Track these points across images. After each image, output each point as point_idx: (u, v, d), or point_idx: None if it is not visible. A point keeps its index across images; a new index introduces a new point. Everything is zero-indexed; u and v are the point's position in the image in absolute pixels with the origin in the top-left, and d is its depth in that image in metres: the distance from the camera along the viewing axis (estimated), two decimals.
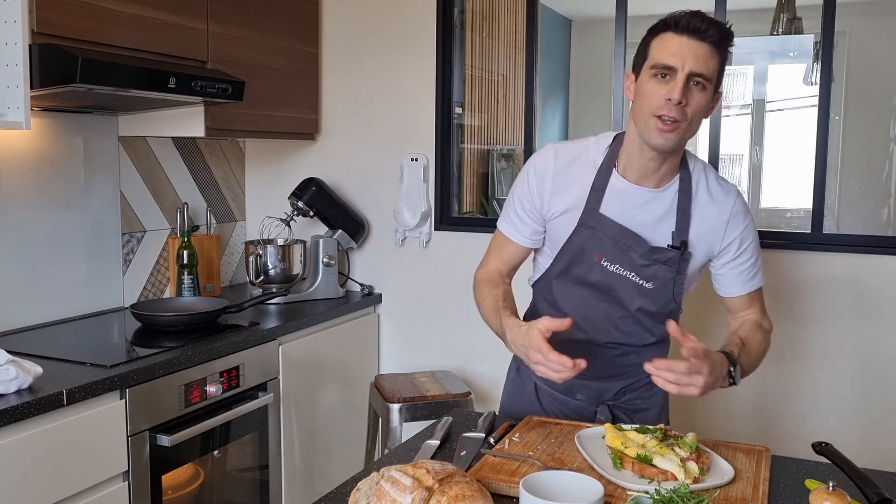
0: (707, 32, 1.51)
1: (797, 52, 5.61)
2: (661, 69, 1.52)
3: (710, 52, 1.52)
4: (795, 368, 2.75)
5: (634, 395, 1.81)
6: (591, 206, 1.66)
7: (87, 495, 1.94)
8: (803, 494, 1.33)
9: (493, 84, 3.74)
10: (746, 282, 1.74)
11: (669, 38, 1.53)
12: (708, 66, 1.52)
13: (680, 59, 1.51)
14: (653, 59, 1.54)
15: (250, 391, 2.50)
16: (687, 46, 1.51)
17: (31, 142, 2.46)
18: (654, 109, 1.53)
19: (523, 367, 1.86)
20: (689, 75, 1.51)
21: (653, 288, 1.68)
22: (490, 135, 3.82)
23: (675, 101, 1.51)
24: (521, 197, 1.74)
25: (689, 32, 1.51)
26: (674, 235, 1.65)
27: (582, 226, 1.67)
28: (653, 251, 1.65)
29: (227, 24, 2.67)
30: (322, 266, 3.05)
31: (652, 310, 1.70)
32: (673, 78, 1.51)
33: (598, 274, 1.68)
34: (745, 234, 1.70)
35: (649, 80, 1.55)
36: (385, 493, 1.16)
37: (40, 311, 2.51)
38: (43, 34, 2.04)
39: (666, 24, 1.54)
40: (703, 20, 1.51)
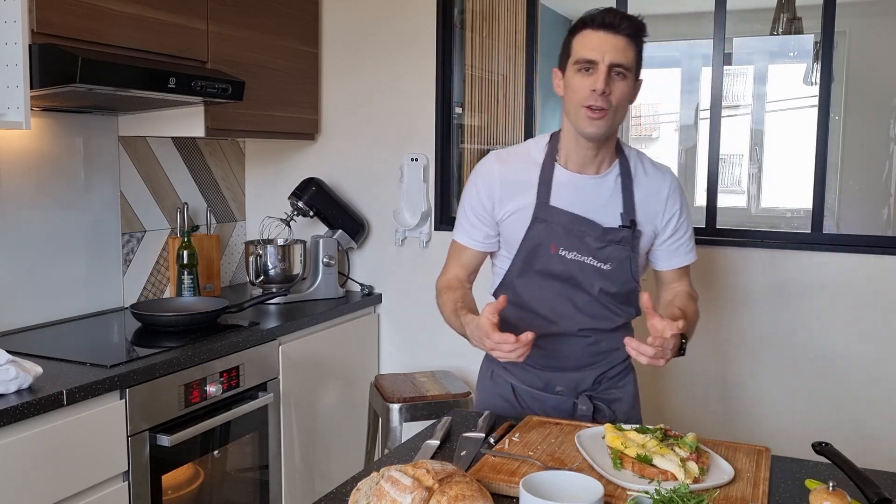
0: (621, 26, 1.65)
1: (797, 52, 5.62)
2: (584, 63, 1.65)
3: (626, 43, 1.65)
4: (795, 368, 2.75)
5: (609, 385, 1.86)
6: (542, 200, 1.75)
7: (87, 495, 1.94)
8: (803, 494, 1.33)
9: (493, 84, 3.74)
10: (683, 255, 1.86)
11: (588, 34, 1.66)
12: (626, 56, 1.65)
13: (600, 53, 1.64)
14: (575, 55, 1.67)
15: (250, 391, 2.50)
16: (605, 41, 1.64)
17: (31, 142, 2.46)
18: (582, 101, 1.66)
19: (497, 371, 1.90)
20: (610, 66, 1.64)
21: (611, 269, 1.76)
22: (490, 135, 3.82)
23: (600, 91, 1.63)
24: (471, 205, 1.82)
25: (605, 28, 1.65)
26: (622, 216, 1.76)
27: (536, 220, 1.75)
28: (606, 232, 1.74)
29: (227, 24, 2.67)
30: (322, 266, 3.05)
31: (612, 290, 1.78)
32: (595, 70, 1.64)
33: (558, 264, 1.75)
34: (681, 210, 1.82)
35: (575, 75, 1.68)
36: (385, 493, 1.16)
37: (40, 311, 2.51)
38: (43, 34, 2.04)
39: (584, 22, 1.68)
40: (617, 16, 1.66)
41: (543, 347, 1.78)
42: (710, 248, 2.83)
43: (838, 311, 2.68)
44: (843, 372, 2.69)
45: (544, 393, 1.84)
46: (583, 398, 1.82)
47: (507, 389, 1.88)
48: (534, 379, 1.84)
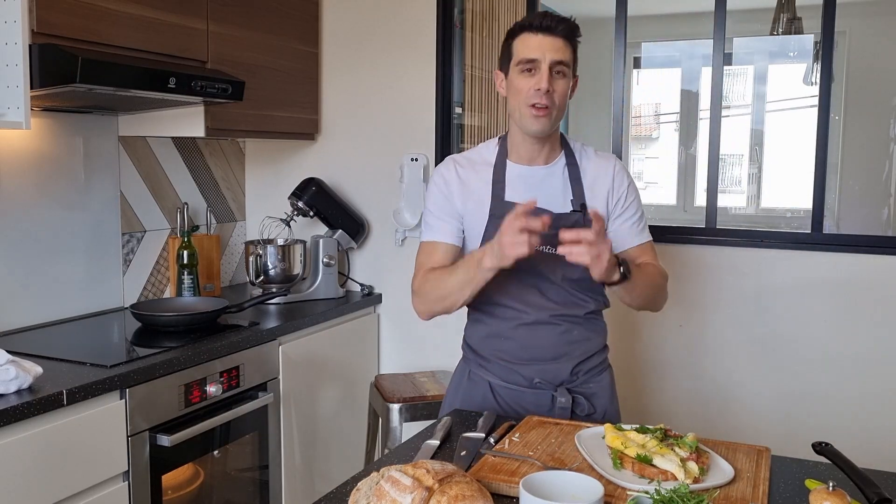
0: (558, 28, 1.75)
1: (797, 52, 5.62)
2: (526, 63, 1.74)
3: (563, 43, 1.76)
4: (796, 368, 2.75)
5: (586, 378, 1.88)
6: (497, 196, 1.83)
7: (87, 495, 1.94)
8: (803, 494, 1.33)
9: (493, 84, 3.74)
10: (638, 234, 1.91)
11: (528, 37, 1.76)
12: (565, 54, 1.76)
13: (540, 52, 1.74)
14: (518, 56, 1.76)
15: (250, 391, 2.50)
16: (544, 42, 1.74)
17: (31, 142, 2.46)
18: (527, 99, 1.75)
19: (474, 371, 1.91)
20: (551, 65, 1.73)
21: None
22: (490, 135, 3.82)
23: (544, 90, 1.73)
24: (435, 203, 1.88)
25: (543, 30, 1.74)
26: (573, 202, 1.83)
27: (493, 216, 1.81)
28: (559, 218, 1.78)
29: (227, 24, 2.68)
30: (322, 266, 3.05)
31: (574, 276, 1.81)
32: (538, 70, 1.74)
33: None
34: (629, 189, 1.90)
35: (518, 76, 1.77)
36: (385, 493, 1.16)
37: (40, 311, 2.51)
38: (43, 34, 2.04)
39: (522, 26, 1.78)
40: (553, 18, 1.76)
41: (516, 339, 1.83)
42: (710, 248, 2.83)
43: (838, 310, 2.68)
44: (844, 372, 2.69)
45: (522, 388, 1.85)
46: (561, 390, 1.83)
47: (485, 388, 1.89)
48: (511, 374, 1.85)
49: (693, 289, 2.85)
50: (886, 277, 2.62)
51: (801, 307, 2.73)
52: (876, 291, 2.64)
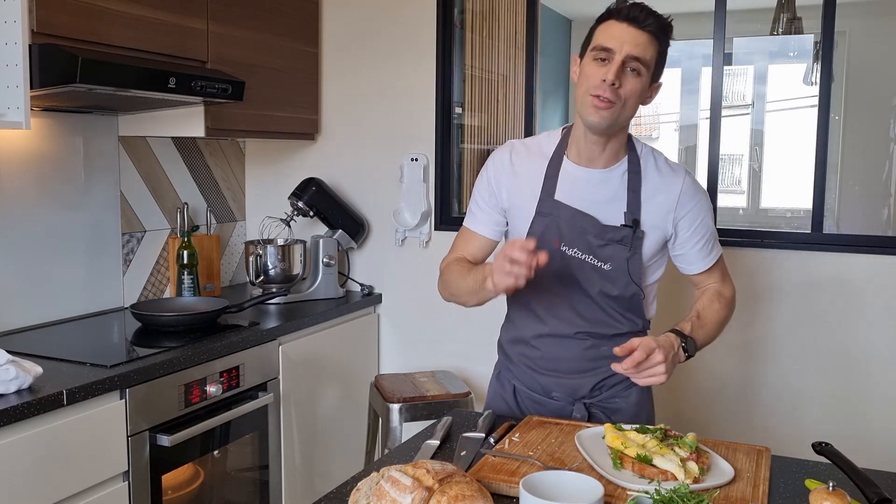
0: (646, 21, 1.61)
1: (797, 52, 5.62)
2: (601, 51, 1.61)
3: (648, 39, 1.61)
4: (796, 368, 2.75)
5: (611, 393, 1.81)
6: (547, 193, 1.73)
7: (87, 495, 1.94)
8: (803, 494, 1.33)
9: (493, 84, 3.74)
10: (705, 257, 1.81)
11: (611, 24, 1.63)
12: (645, 51, 1.61)
13: (618, 43, 1.60)
14: (594, 43, 1.64)
15: (250, 391, 2.50)
16: (626, 32, 1.60)
17: (31, 142, 2.46)
18: (591, 89, 1.62)
19: (503, 372, 1.89)
20: (626, 59, 1.60)
21: (610, 269, 1.72)
22: (490, 135, 3.82)
23: (610, 82, 1.59)
24: (480, 192, 1.82)
25: (629, 20, 1.61)
26: (626, 215, 1.71)
27: (539, 214, 1.73)
28: (605, 230, 1.70)
29: (227, 24, 2.67)
30: (322, 266, 3.05)
31: (613, 293, 1.74)
32: (611, 61, 1.60)
33: (559, 260, 1.71)
34: (696, 210, 1.75)
35: (590, 63, 1.64)
36: (385, 493, 1.16)
37: (40, 311, 2.51)
38: (43, 34, 2.04)
39: (609, 12, 1.65)
40: (644, 10, 1.62)
41: (540, 348, 1.78)
42: None
43: (838, 310, 2.68)
44: (843, 371, 2.69)
45: (542, 397, 1.82)
46: (578, 406, 1.78)
47: (510, 391, 1.87)
48: (532, 382, 1.82)
49: (693, 289, 2.85)
50: (886, 277, 2.62)
51: (801, 307, 2.73)
52: (876, 291, 2.64)
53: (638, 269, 1.73)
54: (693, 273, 1.83)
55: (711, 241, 1.81)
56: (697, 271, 1.83)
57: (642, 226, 1.71)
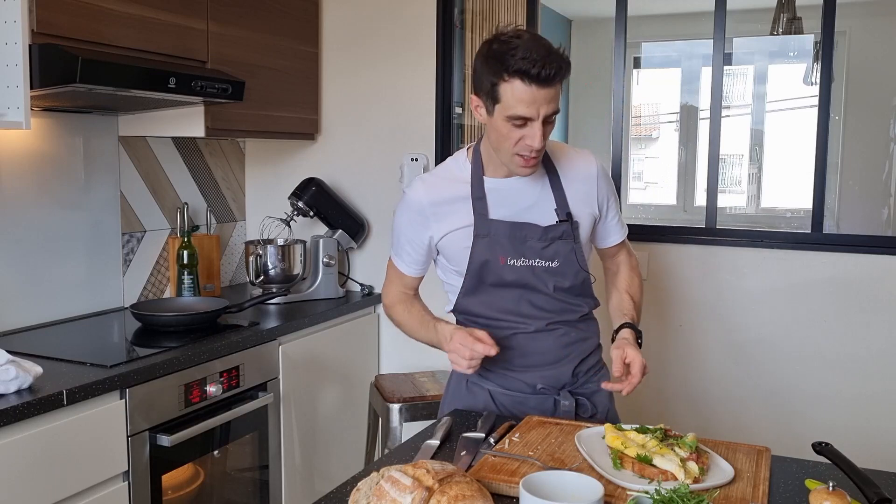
0: (555, 79, 1.56)
1: (797, 52, 5.62)
2: (518, 119, 1.59)
3: (557, 89, 1.59)
4: (795, 368, 2.75)
5: (586, 378, 1.87)
6: (480, 215, 1.75)
7: (87, 495, 1.94)
8: (803, 494, 1.33)
9: None
10: (619, 230, 1.91)
11: (520, 88, 1.56)
12: (557, 102, 1.61)
13: (535, 109, 1.57)
14: (507, 109, 1.58)
15: (250, 391, 2.50)
16: (539, 95, 1.56)
17: (31, 142, 2.46)
18: (516, 151, 1.64)
19: (472, 380, 1.88)
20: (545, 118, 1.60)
21: (559, 265, 1.78)
22: None
23: (538, 147, 1.62)
24: (405, 232, 1.85)
25: (539, 82, 1.55)
26: (557, 212, 1.77)
27: (478, 237, 1.75)
28: (546, 231, 1.76)
29: (227, 24, 2.68)
30: (322, 266, 3.05)
31: (566, 285, 1.80)
32: (530, 124, 1.60)
33: (509, 273, 1.77)
34: (610, 188, 1.86)
35: (505, 125, 1.61)
36: (385, 493, 1.16)
37: (40, 311, 2.51)
38: (43, 34, 2.04)
39: (516, 70, 1.54)
40: (550, 66, 1.54)
41: (515, 348, 1.80)
42: (709, 247, 2.83)
43: (838, 310, 2.68)
44: (844, 371, 2.69)
45: (524, 394, 1.83)
46: (564, 394, 1.82)
47: (486, 396, 1.86)
48: (511, 381, 1.83)
49: (693, 289, 2.85)
50: (886, 277, 2.62)
51: (801, 307, 2.73)
52: (876, 291, 2.64)
53: (582, 256, 1.81)
54: (609, 245, 1.92)
55: (620, 212, 1.92)
56: (614, 242, 1.91)
57: (575, 216, 1.78)
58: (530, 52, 1.54)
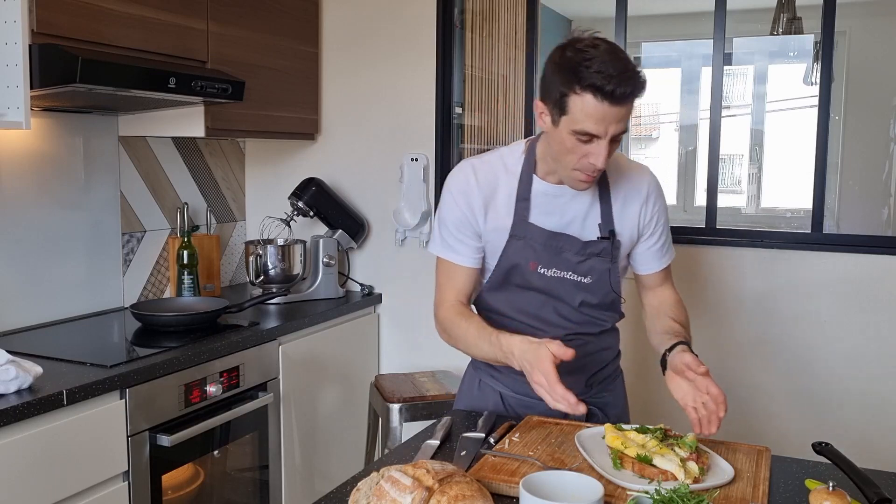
0: (629, 98, 1.47)
1: (797, 52, 5.62)
2: (583, 135, 1.50)
3: (629, 108, 1.50)
4: (796, 368, 2.75)
5: (600, 388, 1.83)
6: (520, 217, 1.68)
7: (87, 495, 1.94)
8: (803, 494, 1.33)
9: (493, 84, 3.74)
10: (662, 257, 1.81)
11: (591, 104, 1.46)
12: (627, 121, 1.52)
13: (603, 127, 1.49)
14: (574, 123, 1.49)
15: (250, 391, 2.50)
16: (610, 114, 1.47)
17: (32, 142, 2.46)
18: (577, 166, 1.55)
19: (484, 380, 1.86)
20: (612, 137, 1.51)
21: (591, 282, 1.72)
22: (490, 135, 3.82)
23: (601, 167, 1.53)
24: (451, 219, 1.72)
25: (611, 100, 1.46)
26: (601, 227, 1.70)
27: (513, 237, 1.69)
28: (585, 246, 1.69)
29: (227, 24, 2.67)
30: (322, 266, 3.05)
31: (593, 302, 1.74)
32: (596, 142, 1.51)
33: (537, 280, 1.71)
34: (660, 211, 1.77)
35: (570, 138, 1.52)
36: (385, 493, 1.16)
37: (40, 311, 2.51)
38: (43, 34, 2.04)
39: (590, 84, 1.45)
40: (626, 84, 1.45)
41: None
42: (709, 248, 2.83)
43: (838, 310, 2.68)
44: (844, 371, 2.69)
45: (534, 399, 1.79)
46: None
47: (496, 398, 1.84)
48: (523, 385, 1.72)
49: (693, 289, 2.85)
50: (886, 277, 2.62)
51: (801, 307, 2.73)
52: (876, 291, 2.64)
53: (617, 278, 1.74)
54: (649, 273, 1.81)
55: (668, 242, 1.81)
56: (653, 271, 1.81)
57: (618, 234, 1.71)
58: (606, 66, 1.45)
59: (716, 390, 1.49)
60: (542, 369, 1.49)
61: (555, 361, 1.48)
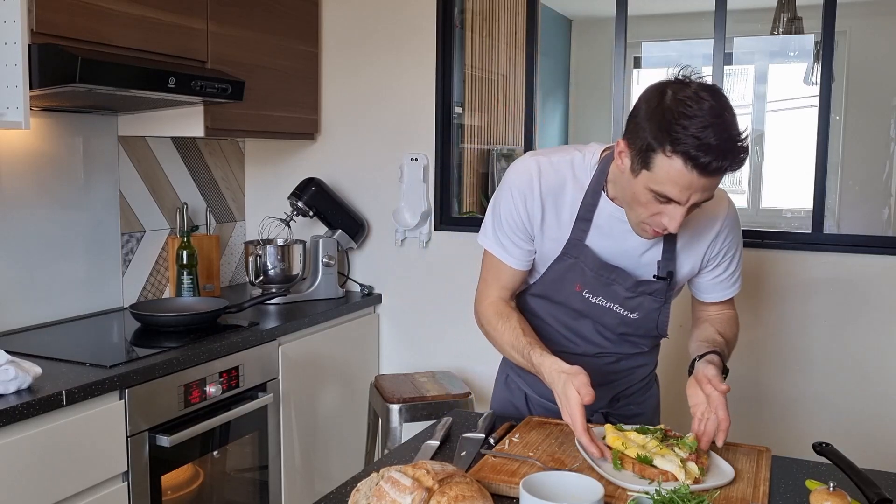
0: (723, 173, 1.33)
1: (797, 52, 5.61)
2: (662, 196, 1.38)
3: (719, 179, 1.36)
4: (796, 368, 2.75)
5: (628, 401, 1.80)
6: (577, 237, 1.58)
7: (87, 495, 1.94)
8: (804, 495, 1.33)
9: (493, 84, 3.74)
10: (727, 288, 1.71)
11: (679, 171, 1.32)
12: (713, 191, 1.39)
13: (686, 195, 1.36)
14: (655, 183, 1.37)
15: (250, 391, 2.49)
16: (697, 184, 1.34)
17: (31, 142, 2.45)
18: (648, 222, 1.45)
19: (511, 377, 1.85)
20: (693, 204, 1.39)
21: (637, 318, 1.65)
22: (490, 135, 3.82)
23: (672, 231, 1.42)
24: (507, 218, 1.63)
25: (703, 172, 1.31)
26: (660, 265, 1.59)
27: (565, 255, 1.60)
28: (638, 284, 1.59)
29: (227, 24, 2.67)
30: (322, 266, 3.04)
31: (631, 331, 1.68)
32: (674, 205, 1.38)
33: (579, 303, 1.65)
34: (731, 244, 1.65)
35: (647, 193, 1.40)
36: (385, 493, 1.16)
37: (40, 311, 2.51)
38: (42, 34, 2.03)
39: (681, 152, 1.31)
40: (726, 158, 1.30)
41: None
42: None
43: (839, 311, 2.68)
44: (844, 371, 2.69)
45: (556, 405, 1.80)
46: (597, 416, 1.74)
47: (520, 398, 1.83)
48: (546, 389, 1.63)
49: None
50: (886, 277, 2.62)
51: (801, 307, 2.73)
52: (876, 291, 2.64)
53: (666, 317, 1.65)
54: (709, 302, 1.73)
55: (737, 273, 1.70)
56: (714, 301, 1.72)
57: (677, 274, 1.60)
58: (707, 133, 1.29)
59: (723, 414, 1.43)
60: (570, 412, 1.45)
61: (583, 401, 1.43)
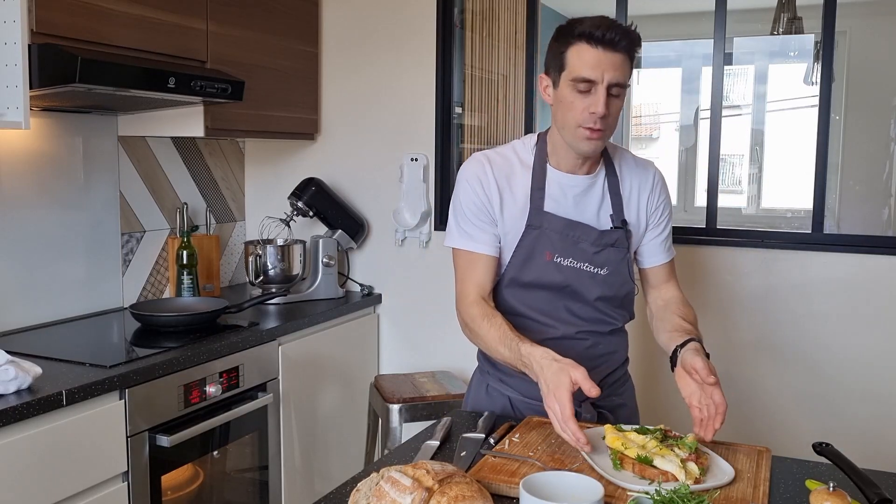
0: (620, 43, 1.56)
1: (797, 52, 5.61)
2: (581, 82, 1.58)
3: (623, 59, 1.58)
4: (796, 368, 2.75)
5: (610, 391, 1.82)
6: (536, 206, 1.70)
7: (87, 495, 1.94)
8: (804, 495, 1.33)
9: (493, 84, 3.74)
10: (667, 250, 1.85)
11: (586, 50, 1.57)
12: (624, 74, 1.59)
13: (599, 72, 1.56)
14: (572, 72, 1.59)
15: (250, 391, 2.49)
16: (604, 59, 1.56)
17: (31, 142, 2.45)
18: (580, 121, 1.61)
19: (493, 385, 1.85)
20: (609, 86, 1.57)
21: (608, 273, 1.74)
22: (490, 135, 3.82)
23: (601, 115, 1.58)
24: (468, 206, 1.73)
25: (604, 44, 1.55)
26: (612, 217, 1.74)
27: (529, 227, 1.70)
28: (601, 235, 1.72)
29: (227, 24, 2.67)
30: (322, 266, 3.04)
31: (609, 295, 1.76)
32: (595, 92, 1.58)
33: (554, 273, 1.71)
34: (665, 202, 1.83)
35: (570, 92, 1.60)
36: (385, 493, 1.16)
37: (40, 311, 2.51)
38: (42, 34, 2.04)
39: (581, 35, 1.57)
40: (617, 31, 1.56)
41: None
42: (710, 248, 2.83)
43: (838, 311, 2.68)
44: (844, 372, 2.69)
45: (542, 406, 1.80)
46: (586, 406, 1.75)
47: (505, 403, 1.83)
48: (533, 389, 1.68)
49: (693, 289, 2.85)
50: (887, 277, 2.62)
51: (801, 307, 2.73)
52: (876, 291, 2.64)
53: (631, 266, 1.78)
54: (653, 265, 1.84)
55: (670, 237, 1.86)
56: (658, 263, 1.84)
57: (629, 224, 1.75)
58: (597, 20, 1.58)
59: (719, 398, 1.49)
60: (558, 396, 1.46)
61: (572, 389, 1.46)
